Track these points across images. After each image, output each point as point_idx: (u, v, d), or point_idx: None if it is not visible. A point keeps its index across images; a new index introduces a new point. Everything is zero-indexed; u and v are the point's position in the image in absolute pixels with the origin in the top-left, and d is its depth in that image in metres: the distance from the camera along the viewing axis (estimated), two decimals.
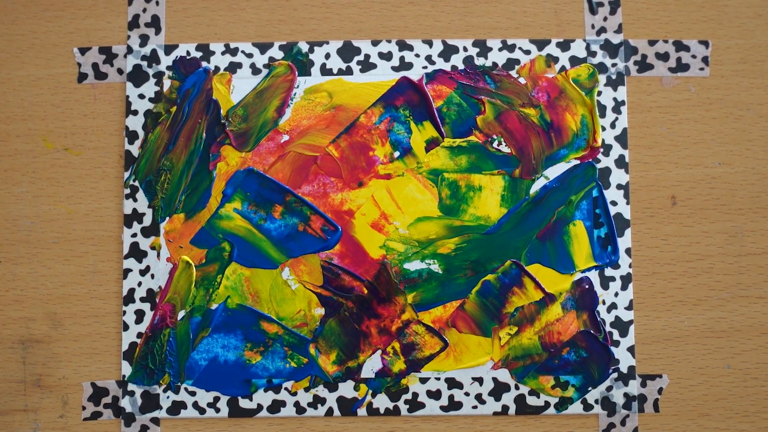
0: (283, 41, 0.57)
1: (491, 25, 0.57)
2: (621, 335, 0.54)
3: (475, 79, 0.56)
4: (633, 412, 0.54)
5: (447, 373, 0.54)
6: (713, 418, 0.54)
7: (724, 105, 0.56)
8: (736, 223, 0.55)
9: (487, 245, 0.54)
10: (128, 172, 0.55)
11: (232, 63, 0.56)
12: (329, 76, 0.56)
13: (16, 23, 0.57)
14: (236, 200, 0.55)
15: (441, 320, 0.54)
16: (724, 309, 0.55)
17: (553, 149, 0.55)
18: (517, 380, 0.54)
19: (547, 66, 0.56)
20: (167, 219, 0.55)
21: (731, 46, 0.57)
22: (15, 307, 0.55)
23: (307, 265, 0.55)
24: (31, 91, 0.57)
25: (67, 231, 0.55)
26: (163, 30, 0.57)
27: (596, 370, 0.54)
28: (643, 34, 0.57)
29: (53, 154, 0.56)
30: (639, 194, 0.55)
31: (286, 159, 0.55)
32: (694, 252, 0.55)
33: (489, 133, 0.55)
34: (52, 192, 0.56)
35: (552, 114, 0.55)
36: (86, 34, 0.57)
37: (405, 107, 0.56)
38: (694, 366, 0.54)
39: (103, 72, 0.57)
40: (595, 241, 0.54)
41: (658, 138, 0.56)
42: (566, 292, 0.54)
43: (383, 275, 0.54)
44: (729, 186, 0.56)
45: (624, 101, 0.56)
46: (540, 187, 0.55)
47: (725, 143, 0.56)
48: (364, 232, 0.55)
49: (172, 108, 0.56)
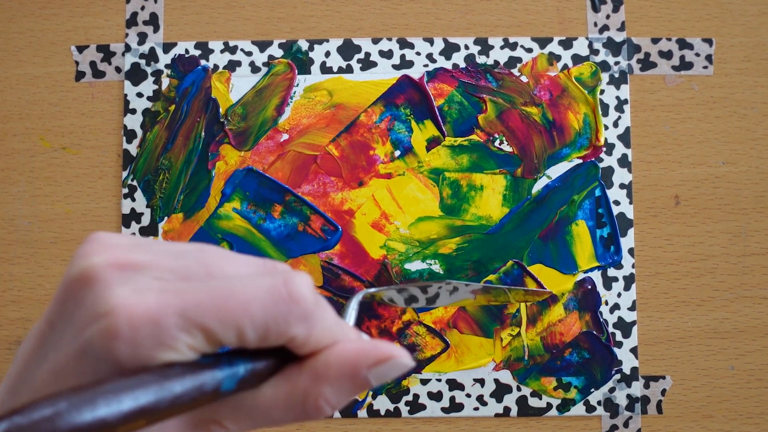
0: (283, 39, 0.56)
1: (493, 22, 0.56)
2: (624, 336, 0.54)
3: (476, 78, 0.55)
4: (636, 414, 0.53)
5: (448, 374, 0.53)
6: (717, 420, 0.53)
7: (728, 104, 0.56)
8: (740, 223, 0.55)
9: (488, 245, 0.54)
10: (126, 172, 0.55)
11: (231, 61, 0.56)
12: (329, 75, 0.56)
13: (13, 21, 0.57)
14: (235, 200, 0.55)
15: (442, 321, 0.54)
16: (727, 309, 0.54)
17: (556, 148, 0.55)
18: (519, 382, 0.53)
19: (550, 64, 0.56)
20: (166, 219, 0.55)
21: (735, 44, 0.56)
22: (12, 308, 0.54)
23: (307, 266, 0.54)
24: (28, 90, 0.56)
25: (65, 231, 0.55)
26: (161, 28, 0.56)
27: (599, 371, 0.53)
28: (646, 32, 0.56)
29: (51, 153, 0.56)
30: (642, 194, 0.55)
31: (286, 158, 0.55)
32: (697, 252, 0.55)
33: (491, 132, 0.55)
34: (49, 191, 0.55)
35: (554, 113, 0.55)
36: (84, 32, 0.57)
37: (406, 106, 0.55)
38: (697, 367, 0.54)
39: (101, 70, 0.56)
40: (597, 241, 0.54)
41: (662, 137, 0.55)
42: (569, 292, 0.54)
43: (384, 275, 0.54)
44: (733, 185, 0.55)
45: (627, 100, 0.55)
46: (542, 186, 0.54)
47: (729, 142, 0.55)
48: (364, 232, 0.54)
49: (171, 107, 0.55)
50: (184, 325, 0.20)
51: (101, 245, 0.21)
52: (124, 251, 0.21)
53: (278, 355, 0.22)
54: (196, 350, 0.20)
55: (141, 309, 0.19)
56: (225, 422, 0.22)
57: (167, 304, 0.20)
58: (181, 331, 0.20)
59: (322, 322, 0.21)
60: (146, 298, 0.20)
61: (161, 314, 0.19)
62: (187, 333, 0.20)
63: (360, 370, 0.22)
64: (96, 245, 0.21)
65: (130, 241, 0.22)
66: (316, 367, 0.21)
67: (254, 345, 0.21)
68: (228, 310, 0.20)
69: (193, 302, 0.20)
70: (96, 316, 0.19)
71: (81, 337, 0.20)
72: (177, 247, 0.22)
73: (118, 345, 0.19)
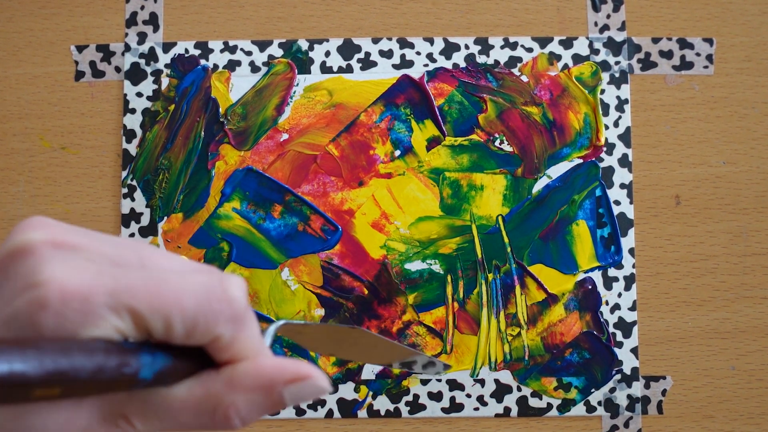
0: (283, 39, 0.56)
1: (493, 22, 0.56)
2: (624, 336, 0.53)
3: (476, 77, 0.55)
4: (636, 414, 0.53)
5: (448, 374, 0.53)
6: (717, 420, 0.53)
7: (729, 103, 0.56)
8: (740, 223, 0.55)
9: (488, 245, 0.54)
10: (126, 172, 0.55)
11: (231, 61, 0.56)
12: (329, 74, 0.56)
13: (12, 21, 0.57)
14: (235, 199, 0.54)
15: (442, 321, 0.53)
16: (728, 310, 0.54)
17: (556, 148, 0.55)
18: (519, 382, 0.53)
19: (550, 64, 0.56)
20: (165, 219, 0.54)
21: (736, 43, 0.56)
22: None
23: (307, 266, 0.54)
24: (27, 90, 0.56)
25: None
26: (161, 27, 0.56)
27: (599, 371, 0.53)
28: (647, 32, 0.56)
29: (50, 153, 0.56)
30: (642, 193, 0.55)
31: (286, 158, 0.55)
32: (698, 252, 0.54)
33: (491, 132, 0.55)
34: (49, 191, 0.55)
35: (554, 112, 0.55)
36: (83, 32, 0.57)
37: (406, 105, 0.55)
38: (698, 367, 0.54)
39: (100, 70, 0.56)
40: (598, 241, 0.54)
41: (662, 137, 0.55)
42: (569, 292, 0.54)
43: (384, 275, 0.54)
44: (733, 185, 0.55)
45: (627, 99, 0.55)
46: (542, 186, 0.54)
47: (729, 142, 0.55)
48: (364, 232, 0.54)
49: (171, 106, 0.55)
50: (114, 305, 0.20)
51: (40, 224, 0.21)
52: (62, 232, 0.21)
53: (198, 358, 0.22)
54: (122, 333, 0.20)
55: (73, 284, 0.20)
56: (133, 419, 0.22)
57: (100, 283, 0.20)
58: (110, 310, 0.20)
59: (248, 330, 0.22)
60: (80, 275, 0.20)
61: (92, 292, 0.20)
62: (115, 314, 0.20)
63: (276, 385, 0.22)
64: (36, 223, 0.21)
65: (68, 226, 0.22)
66: (232, 374, 0.22)
67: (179, 338, 0.21)
68: (160, 297, 0.20)
69: (125, 285, 0.20)
70: (27, 286, 0.20)
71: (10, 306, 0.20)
72: (115, 238, 0.22)
73: (44, 316, 0.19)
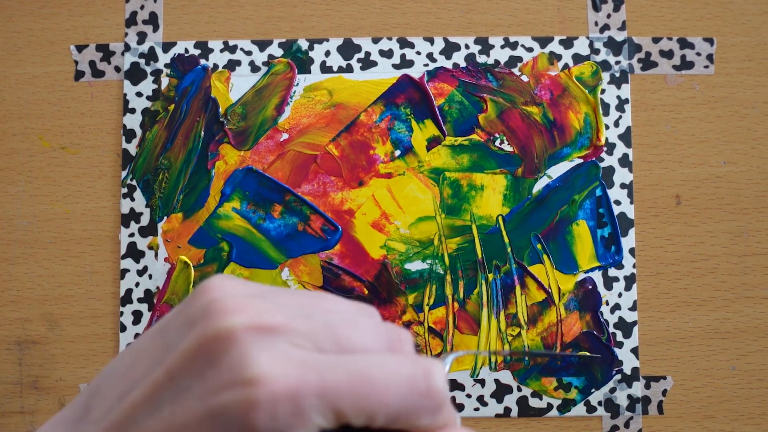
0: (283, 39, 0.56)
1: (493, 22, 0.56)
2: (624, 336, 0.53)
3: (477, 77, 0.55)
4: (637, 414, 0.53)
5: (448, 374, 0.53)
6: (718, 420, 0.53)
7: (729, 103, 0.55)
8: (741, 223, 0.55)
9: (489, 245, 0.54)
10: (125, 171, 0.55)
11: (230, 61, 0.56)
12: (329, 74, 0.55)
13: (12, 20, 0.57)
14: (235, 199, 0.54)
15: (442, 321, 0.53)
16: (729, 310, 0.54)
17: (556, 148, 0.55)
18: (520, 382, 0.53)
19: (550, 63, 0.55)
20: (165, 218, 0.54)
21: (736, 43, 0.56)
22: (11, 308, 0.54)
23: (307, 266, 0.54)
24: (27, 89, 0.56)
25: (64, 231, 0.55)
26: (161, 27, 0.56)
27: (599, 371, 0.53)
28: (647, 32, 0.56)
29: (50, 153, 0.56)
30: (643, 193, 0.55)
31: (286, 158, 0.55)
32: (698, 252, 0.54)
33: (491, 132, 0.55)
34: (48, 191, 0.55)
35: (555, 112, 0.55)
36: (83, 32, 0.57)
37: (406, 105, 0.55)
38: (698, 367, 0.54)
39: (100, 70, 0.56)
40: (598, 241, 0.54)
41: (662, 137, 0.55)
42: (569, 292, 0.54)
43: (384, 275, 0.54)
44: (734, 185, 0.55)
45: (628, 99, 0.55)
46: (543, 186, 0.54)
47: (730, 142, 0.55)
48: (364, 232, 0.54)
49: (170, 106, 0.55)
50: (321, 407, 0.20)
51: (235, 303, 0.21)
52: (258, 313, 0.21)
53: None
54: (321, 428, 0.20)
55: (283, 383, 0.19)
56: None
57: (307, 381, 0.20)
58: (316, 412, 0.20)
59: (446, 413, 0.22)
60: (287, 371, 0.20)
61: (301, 392, 0.20)
62: (321, 415, 0.20)
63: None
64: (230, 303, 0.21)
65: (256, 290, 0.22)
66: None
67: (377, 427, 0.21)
68: (366, 397, 0.20)
69: (331, 383, 0.20)
70: (235, 382, 0.20)
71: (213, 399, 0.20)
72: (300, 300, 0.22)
73: (258, 416, 0.19)
